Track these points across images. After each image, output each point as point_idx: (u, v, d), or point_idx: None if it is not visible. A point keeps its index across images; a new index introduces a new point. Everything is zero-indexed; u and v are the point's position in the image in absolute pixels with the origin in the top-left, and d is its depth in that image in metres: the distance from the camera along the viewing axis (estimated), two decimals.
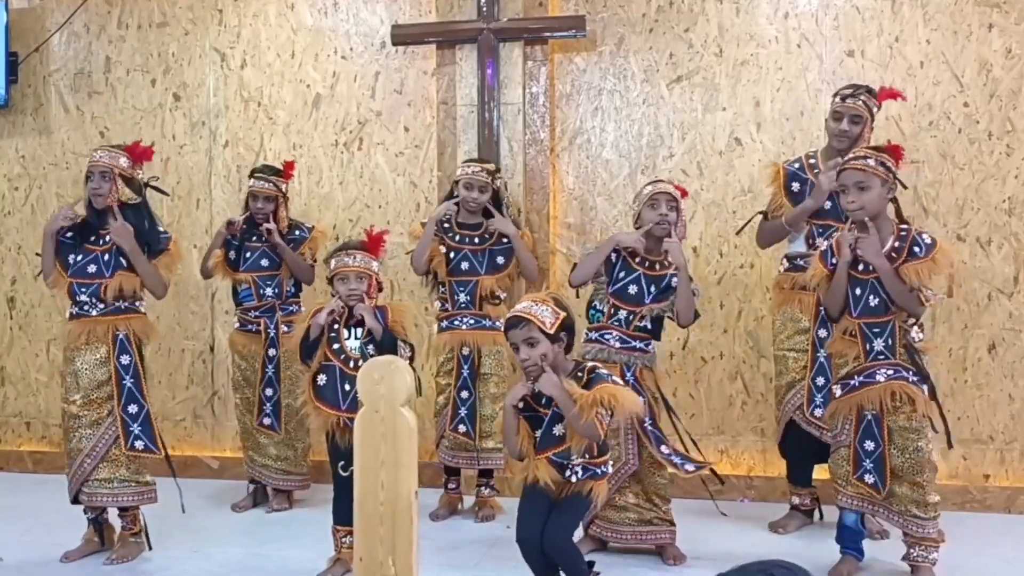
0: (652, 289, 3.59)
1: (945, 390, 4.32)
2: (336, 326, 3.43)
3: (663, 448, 3.59)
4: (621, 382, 3.06)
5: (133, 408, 3.64)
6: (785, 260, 3.97)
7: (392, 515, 1.84)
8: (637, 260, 3.62)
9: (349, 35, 4.94)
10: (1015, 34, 4.30)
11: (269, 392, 4.34)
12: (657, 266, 3.61)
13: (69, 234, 3.67)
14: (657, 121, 4.64)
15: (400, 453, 1.84)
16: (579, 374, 2.94)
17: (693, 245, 4.56)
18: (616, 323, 3.60)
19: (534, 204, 4.66)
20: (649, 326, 3.62)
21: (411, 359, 3.54)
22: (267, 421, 4.35)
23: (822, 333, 3.58)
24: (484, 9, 4.59)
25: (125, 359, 3.65)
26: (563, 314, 2.95)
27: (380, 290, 3.58)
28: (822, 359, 3.72)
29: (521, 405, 2.96)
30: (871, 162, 3.20)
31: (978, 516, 4.21)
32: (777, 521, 4.03)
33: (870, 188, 3.18)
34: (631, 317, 3.59)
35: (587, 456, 2.96)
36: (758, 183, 4.50)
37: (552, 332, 2.90)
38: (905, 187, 3.59)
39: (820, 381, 3.73)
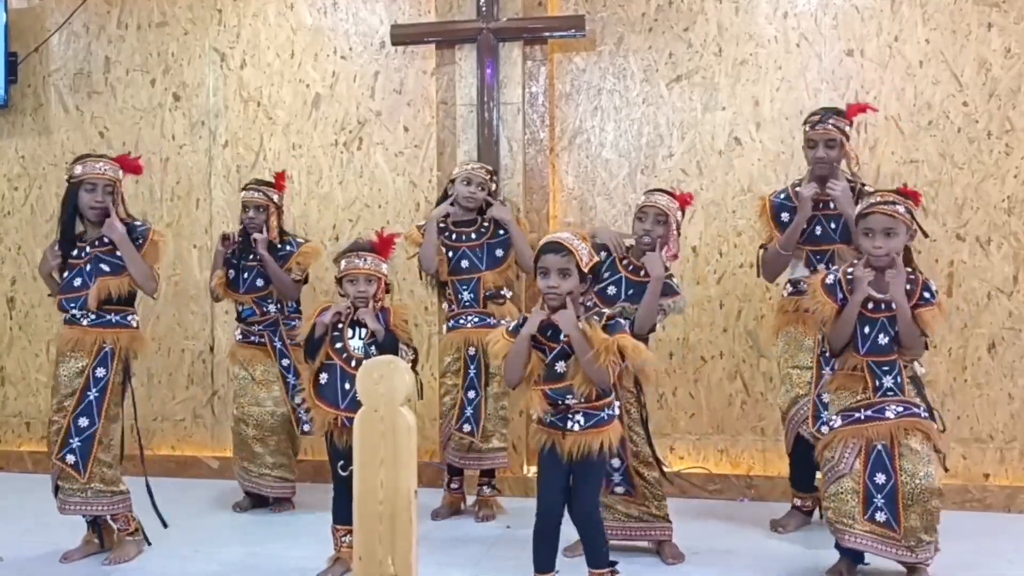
0: (630, 293, 3.58)
1: (945, 389, 4.33)
2: (340, 325, 3.43)
3: (613, 461, 3.52)
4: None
5: (83, 422, 3.57)
6: (789, 285, 3.94)
7: (391, 514, 1.84)
8: (624, 262, 3.62)
9: (348, 35, 4.94)
10: (1014, 33, 4.30)
11: (299, 400, 4.29)
12: (642, 272, 3.59)
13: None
14: (657, 121, 4.64)
15: (399, 452, 1.84)
16: (597, 318, 2.93)
17: (693, 244, 4.56)
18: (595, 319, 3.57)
19: (534, 204, 4.67)
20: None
21: (414, 362, 3.54)
22: (307, 428, 4.26)
23: (827, 352, 3.55)
24: (483, 9, 4.59)
25: (100, 372, 3.60)
26: (596, 258, 2.98)
27: (388, 291, 3.59)
28: (827, 375, 3.67)
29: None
30: (900, 208, 3.19)
31: (978, 515, 4.21)
32: (777, 520, 4.03)
33: (897, 234, 3.18)
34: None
35: (584, 400, 2.92)
36: (758, 182, 4.51)
37: (586, 270, 2.91)
38: (927, 235, 3.56)
39: (825, 398, 3.62)
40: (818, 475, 3.79)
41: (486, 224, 4.16)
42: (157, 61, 5.15)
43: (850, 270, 3.29)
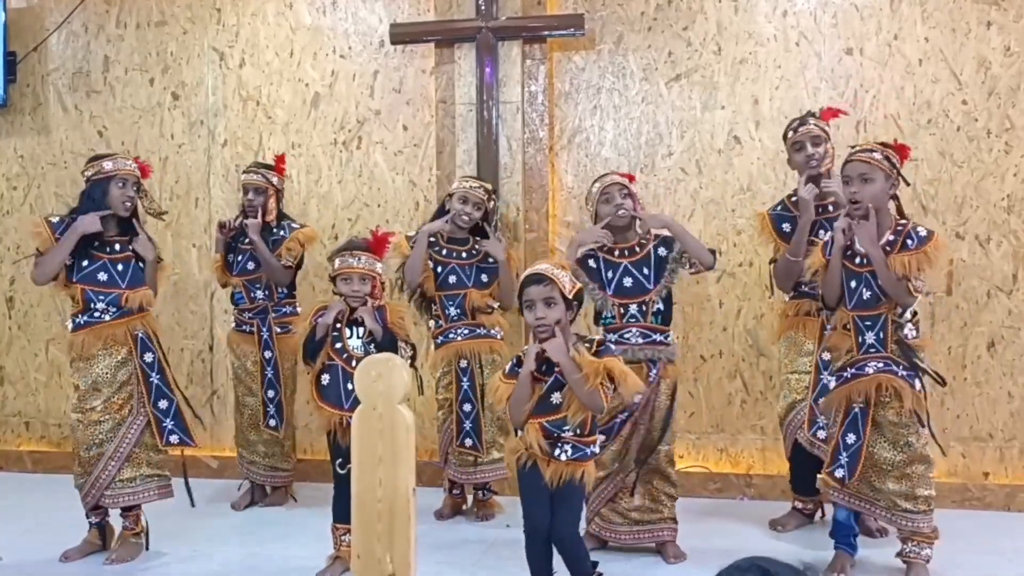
0: (645, 271, 3.59)
1: (944, 388, 4.31)
2: (338, 325, 3.43)
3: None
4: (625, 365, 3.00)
5: (163, 404, 3.68)
6: (791, 289, 3.92)
7: (390, 512, 1.84)
8: (616, 254, 3.62)
9: (348, 34, 4.94)
10: (1014, 31, 4.30)
11: (271, 394, 4.35)
12: (637, 248, 3.61)
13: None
14: (656, 119, 4.64)
15: (398, 450, 1.84)
16: (587, 345, 2.94)
17: None
18: (633, 319, 3.57)
19: (533, 203, 4.66)
20: (662, 307, 3.61)
21: (412, 358, 3.55)
22: (272, 423, 4.37)
23: (826, 356, 3.53)
24: (483, 7, 4.58)
25: (149, 356, 3.68)
26: (579, 284, 3.00)
27: (383, 290, 3.58)
28: (825, 381, 3.65)
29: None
30: (876, 155, 3.23)
31: (977, 514, 4.21)
32: (777, 519, 4.03)
33: (874, 180, 3.21)
34: (644, 307, 3.57)
35: (579, 432, 2.93)
36: (757, 181, 4.51)
37: (570, 297, 2.92)
38: (908, 183, 3.58)
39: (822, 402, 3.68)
40: (819, 478, 3.77)
41: (478, 247, 4.12)
42: (156, 60, 5.14)
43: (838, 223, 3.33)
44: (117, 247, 3.67)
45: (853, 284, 3.27)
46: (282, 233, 4.32)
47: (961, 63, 4.35)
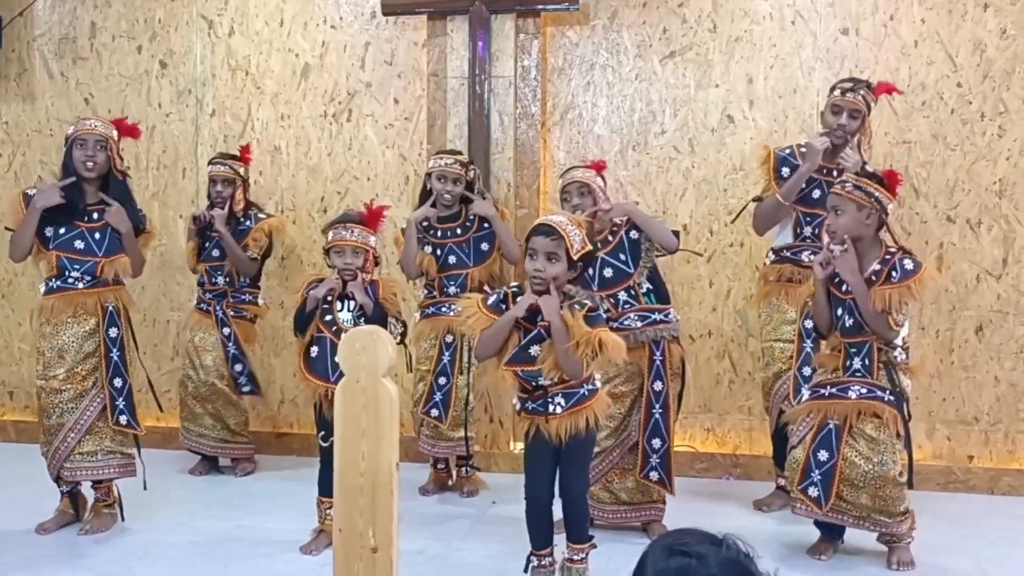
0: (622, 256, 3.57)
1: (931, 371, 4.32)
2: (329, 298, 3.42)
3: (654, 442, 3.57)
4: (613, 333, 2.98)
5: (118, 382, 3.63)
6: (772, 253, 3.95)
7: (372, 486, 1.82)
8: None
9: (339, 4, 4.87)
10: (1010, 14, 4.27)
11: (239, 368, 4.44)
12: (609, 237, 3.59)
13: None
14: (649, 97, 4.60)
15: (381, 424, 1.82)
16: (575, 307, 2.89)
17: (683, 223, 4.53)
18: (628, 305, 3.55)
19: (524, 179, 4.63)
20: (651, 285, 3.59)
21: (403, 335, 3.54)
22: (247, 389, 4.49)
23: (808, 324, 3.56)
24: None
25: (113, 332, 3.63)
26: (590, 246, 2.93)
27: (377, 264, 3.57)
28: (808, 349, 3.70)
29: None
30: (848, 187, 3.21)
31: (961, 497, 4.22)
32: (762, 499, 4.04)
33: (844, 212, 3.20)
34: (632, 291, 3.55)
35: (557, 380, 2.90)
36: (750, 161, 4.47)
37: (575, 257, 2.88)
38: (887, 215, 3.32)
39: (806, 371, 3.69)
40: (791, 493, 3.75)
41: (471, 219, 4.12)
42: (144, 27, 5.06)
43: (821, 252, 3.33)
44: (95, 215, 3.62)
45: (839, 311, 3.27)
46: (249, 223, 4.41)
47: (956, 45, 4.32)
